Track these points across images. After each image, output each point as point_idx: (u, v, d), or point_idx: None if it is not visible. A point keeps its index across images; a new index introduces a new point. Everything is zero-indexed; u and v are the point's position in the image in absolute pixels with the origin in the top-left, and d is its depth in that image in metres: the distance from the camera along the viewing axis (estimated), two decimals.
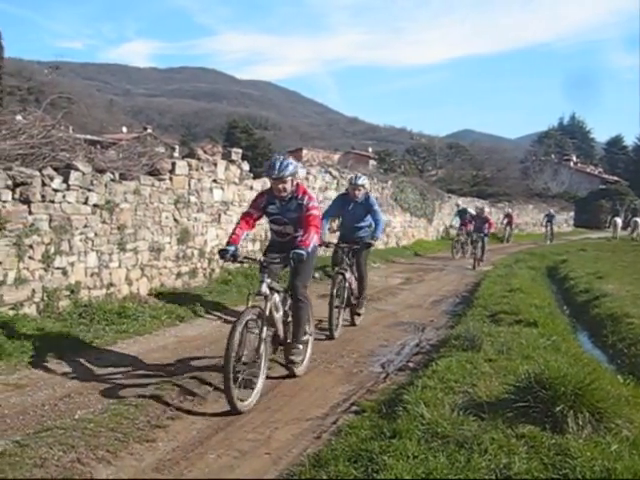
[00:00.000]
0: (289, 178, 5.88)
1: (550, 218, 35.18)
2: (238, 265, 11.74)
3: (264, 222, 12.31)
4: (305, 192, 6.07)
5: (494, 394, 4.95)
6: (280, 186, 5.89)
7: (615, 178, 63.54)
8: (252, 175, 12.59)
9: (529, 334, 7.46)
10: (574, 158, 66.81)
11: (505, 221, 32.36)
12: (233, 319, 5.93)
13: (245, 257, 6.33)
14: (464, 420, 4.31)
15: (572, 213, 50.99)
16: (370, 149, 65.09)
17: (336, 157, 46.40)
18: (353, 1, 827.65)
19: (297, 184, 6.06)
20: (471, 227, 20.95)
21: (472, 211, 23.26)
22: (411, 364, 6.80)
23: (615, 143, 79.34)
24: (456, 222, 22.73)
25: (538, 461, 3.75)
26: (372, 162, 43.31)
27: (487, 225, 20.07)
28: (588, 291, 12.84)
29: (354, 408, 5.26)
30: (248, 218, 6.12)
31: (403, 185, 23.24)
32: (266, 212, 6.22)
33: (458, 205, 25.79)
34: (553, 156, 64.11)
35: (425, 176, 39.61)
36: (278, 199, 6.05)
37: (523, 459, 3.73)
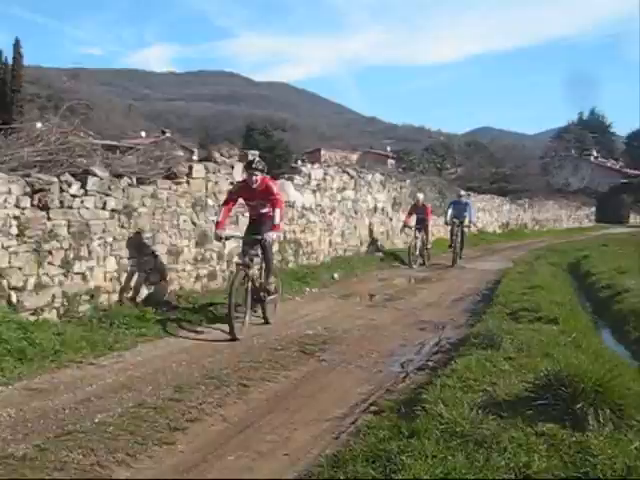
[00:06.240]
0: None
1: (460, 209, 18.33)
2: None
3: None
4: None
5: (513, 392, 4.91)
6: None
7: (637, 172, 62.74)
8: (270, 176, 12.57)
9: (549, 331, 7.40)
10: (594, 153, 66.04)
11: (413, 221, 17.49)
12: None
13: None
14: (483, 419, 4.28)
15: (593, 208, 50.59)
16: (388, 148, 65.09)
17: (354, 157, 46.51)
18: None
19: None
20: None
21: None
22: (430, 363, 6.77)
23: (636, 137, 77.87)
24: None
25: (558, 459, 3.72)
26: (390, 161, 43.26)
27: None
28: (610, 287, 12.71)
29: (373, 408, 5.26)
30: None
31: (422, 184, 23.10)
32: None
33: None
34: (573, 151, 63.51)
35: (444, 174, 39.34)
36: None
37: (543, 457, 3.70)
